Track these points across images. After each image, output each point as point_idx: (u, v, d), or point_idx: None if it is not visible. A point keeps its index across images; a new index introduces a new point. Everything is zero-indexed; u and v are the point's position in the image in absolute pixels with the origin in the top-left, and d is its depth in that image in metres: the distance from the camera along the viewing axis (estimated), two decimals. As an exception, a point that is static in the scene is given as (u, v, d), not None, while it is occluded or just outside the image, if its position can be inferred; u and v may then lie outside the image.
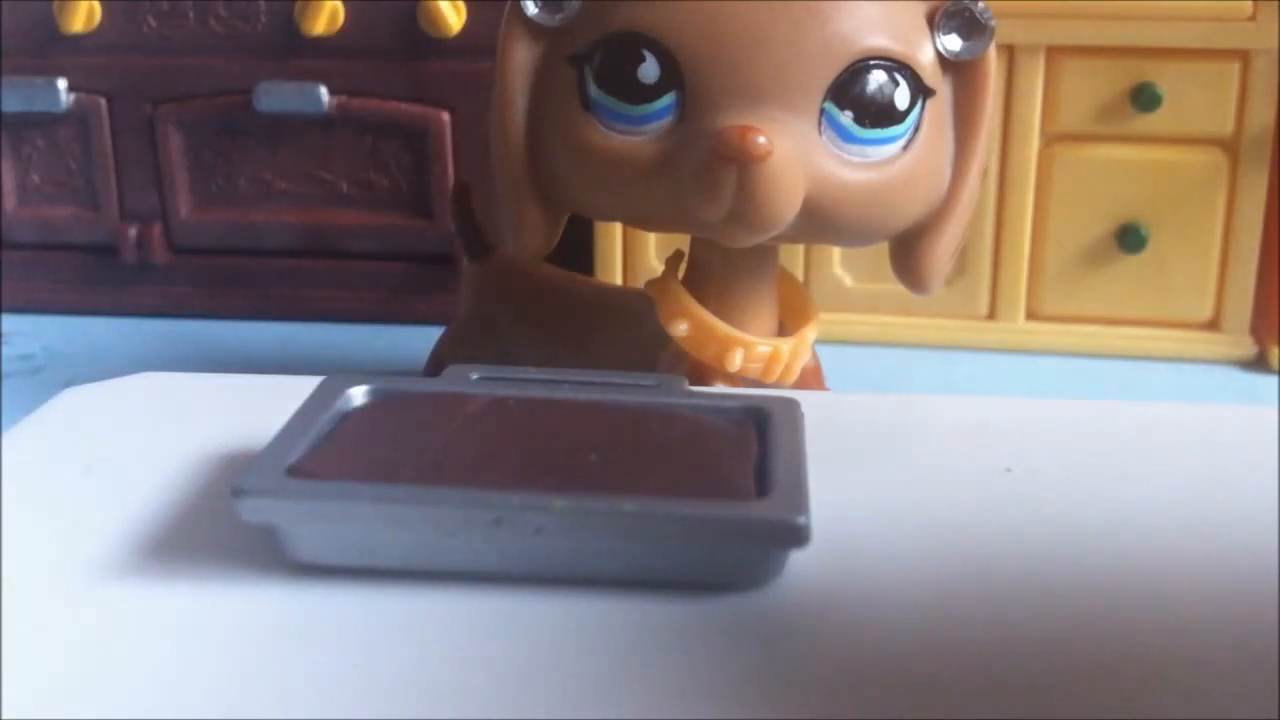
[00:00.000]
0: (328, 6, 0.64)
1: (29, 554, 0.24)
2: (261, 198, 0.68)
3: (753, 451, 0.25)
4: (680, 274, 0.40)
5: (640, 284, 0.43)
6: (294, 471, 0.24)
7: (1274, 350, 0.59)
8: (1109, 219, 0.59)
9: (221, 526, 0.25)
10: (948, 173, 0.37)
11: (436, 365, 0.50)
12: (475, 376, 0.29)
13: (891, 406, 0.32)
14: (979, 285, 0.61)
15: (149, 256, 0.68)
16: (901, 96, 0.35)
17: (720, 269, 0.39)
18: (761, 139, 0.33)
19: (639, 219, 0.39)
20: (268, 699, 0.20)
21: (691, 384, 0.30)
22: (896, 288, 0.40)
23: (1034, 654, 0.21)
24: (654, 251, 0.62)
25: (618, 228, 0.62)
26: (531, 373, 0.29)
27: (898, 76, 0.35)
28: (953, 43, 0.36)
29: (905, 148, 0.36)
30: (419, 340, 0.57)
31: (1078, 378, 0.59)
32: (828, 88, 0.34)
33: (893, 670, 0.21)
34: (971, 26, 0.36)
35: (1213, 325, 0.60)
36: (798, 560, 0.24)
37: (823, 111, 0.35)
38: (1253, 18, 0.55)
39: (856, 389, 0.53)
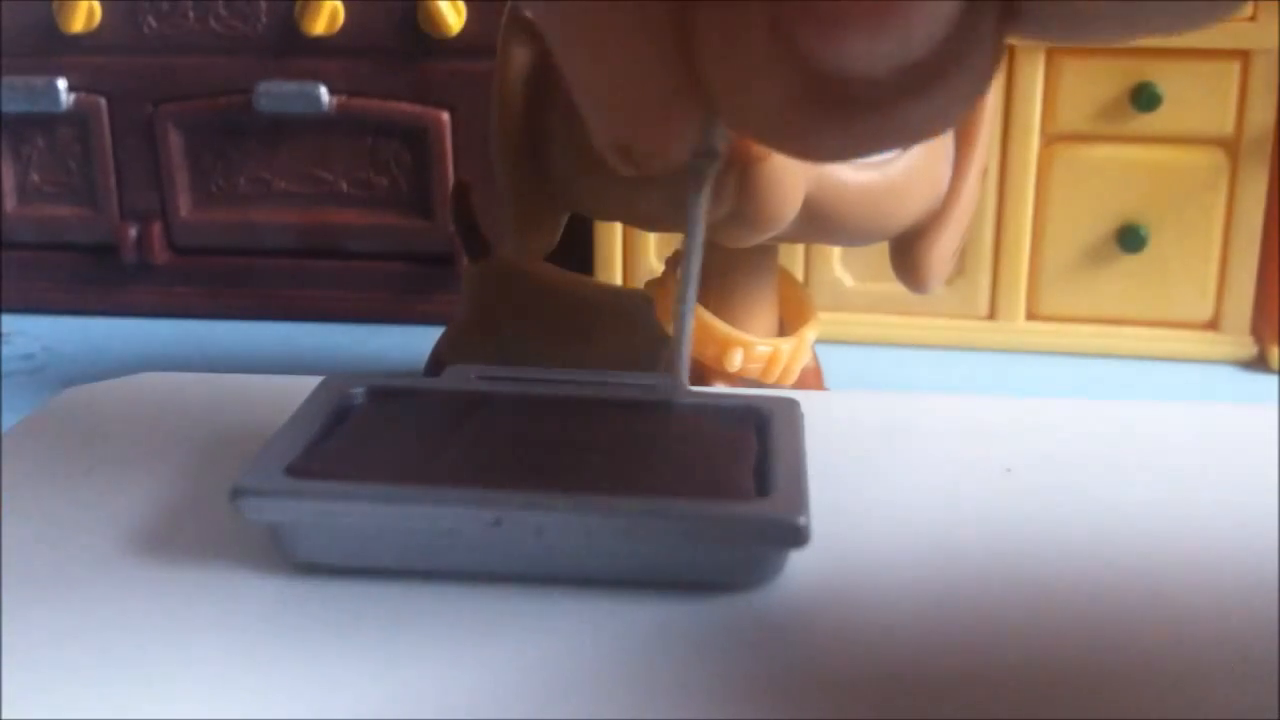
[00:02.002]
0: (328, 6, 0.64)
1: (29, 554, 0.24)
2: (261, 198, 0.68)
3: (753, 451, 0.25)
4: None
5: (640, 284, 0.43)
6: (293, 471, 0.24)
7: (1274, 350, 0.59)
8: (1109, 219, 0.59)
9: (221, 526, 0.25)
10: (948, 173, 0.37)
11: (436, 365, 0.50)
12: (475, 376, 0.29)
13: (891, 406, 0.32)
14: (979, 285, 0.61)
15: (149, 256, 0.68)
16: (901, 96, 0.35)
17: (720, 269, 0.39)
18: (761, 139, 0.33)
19: (639, 219, 0.39)
20: (267, 698, 0.20)
21: (691, 384, 0.30)
22: (896, 288, 0.40)
23: (1034, 654, 0.21)
24: (654, 251, 0.62)
25: (618, 228, 0.62)
26: (531, 373, 0.29)
27: (898, 76, 0.35)
28: (953, 43, 0.36)
29: (905, 148, 0.36)
30: (419, 340, 0.57)
31: (1078, 378, 0.59)
32: (828, 88, 0.34)
33: (892, 670, 0.21)
34: (971, 26, 0.36)
35: (1213, 325, 0.60)
36: (798, 560, 0.24)
37: (823, 111, 0.35)
38: (1253, 18, 0.55)
39: (856, 389, 0.53)
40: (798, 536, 0.22)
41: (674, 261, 0.40)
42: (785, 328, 0.41)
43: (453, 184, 0.60)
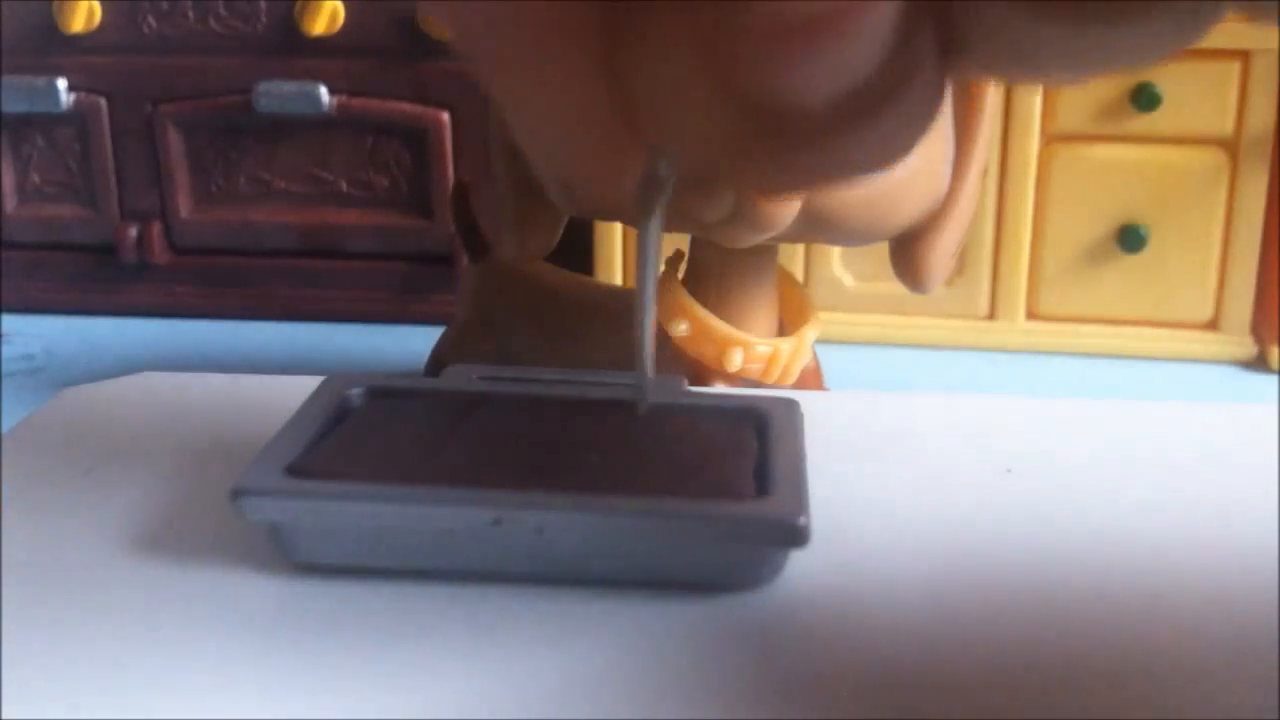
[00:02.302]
0: (328, 6, 0.64)
1: (29, 554, 0.24)
2: (261, 198, 0.68)
3: (753, 451, 0.25)
4: (680, 274, 0.40)
5: (640, 284, 0.43)
6: (294, 471, 0.24)
7: (1274, 350, 0.59)
8: (1109, 219, 0.59)
9: (221, 526, 0.25)
10: (948, 173, 0.37)
11: (436, 365, 0.50)
12: (475, 376, 0.29)
13: (891, 406, 0.32)
14: (979, 285, 0.61)
15: (149, 256, 0.68)
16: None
17: (720, 269, 0.39)
18: (761, 139, 0.33)
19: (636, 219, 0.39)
20: (267, 698, 0.20)
21: (691, 384, 0.30)
22: (896, 288, 0.40)
23: (1034, 653, 0.21)
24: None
25: (618, 228, 0.62)
26: (532, 373, 0.29)
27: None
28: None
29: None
30: (419, 340, 0.57)
31: (1078, 378, 0.59)
32: (827, 88, 0.34)
33: (892, 670, 0.21)
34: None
35: (1213, 325, 0.60)
36: (798, 560, 0.24)
37: (823, 111, 0.34)
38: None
39: (856, 389, 0.53)
40: (798, 536, 0.22)
41: (674, 261, 0.40)
42: (785, 328, 0.41)
43: (453, 184, 0.60)
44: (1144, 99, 0.57)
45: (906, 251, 0.38)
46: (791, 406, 0.27)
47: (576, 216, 0.40)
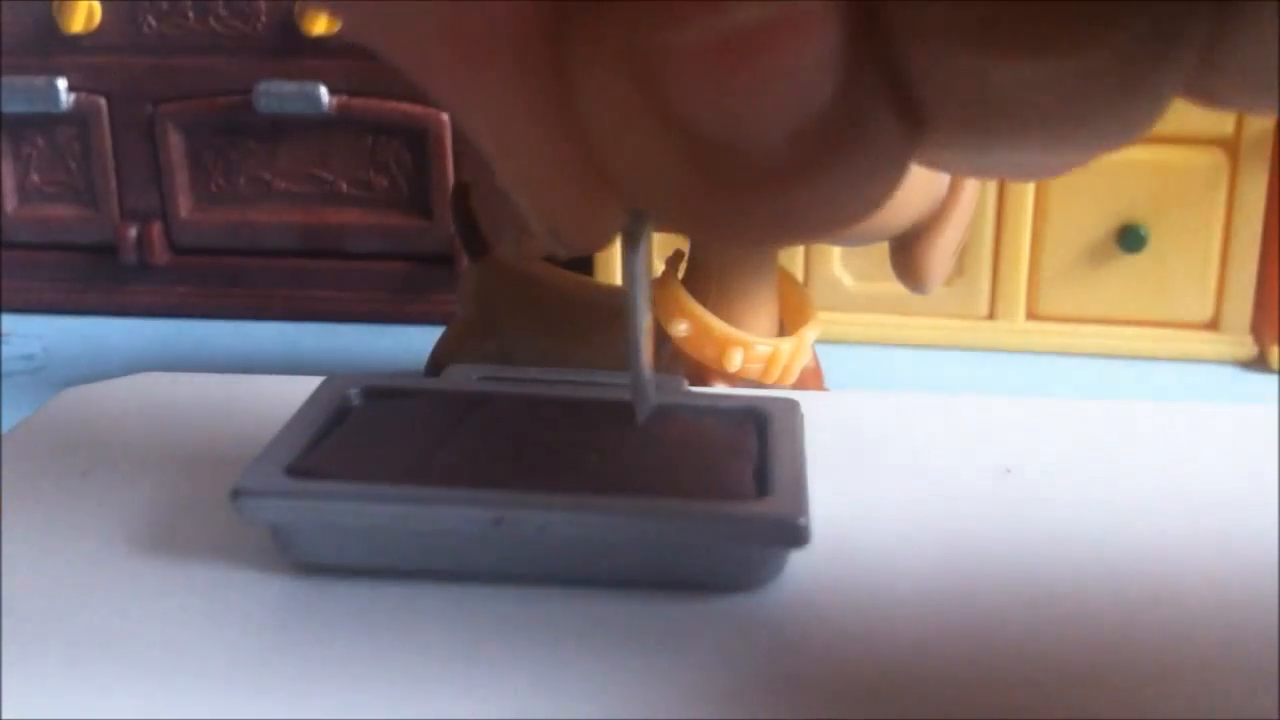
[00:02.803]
0: (328, 6, 0.64)
1: (29, 554, 0.24)
2: (261, 198, 0.68)
3: (753, 452, 0.25)
4: (680, 274, 0.40)
5: (640, 284, 0.43)
6: (294, 471, 0.24)
7: (1274, 350, 0.59)
8: (1109, 219, 0.59)
9: (221, 526, 0.25)
10: (948, 173, 0.37)
11: (436, 365, 0.50)
12: (475, 376, 0.29)
13: (891, 406, 0.32)
14: (979, 285, 0.61)
15: (149, 256, 0.68)
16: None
17: (720, 269, 0.39)
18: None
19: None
20: (267, 698, 0.20)
21: (691, 384, 0.30)
22: (896, 288, 0.40)
23: (1033, 654, 0.21)
24: (654, 251, 0.62)
25: (617, 228, 0.62)
26: (531, 373, 0.29)
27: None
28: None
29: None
30: (419, 340, 0.57)
31: (1078, 378, 0.59)
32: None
33: (892, 670, 0.21)
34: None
35: (1213, 325, 0.60)
36: (798, 560, 0.24)
37: (823, 111, 0.34)
38: (1253, 18, 0.55)
39: (856, 389, 0.53)
40: (798, 536, 0.22)
41: (674, 261, 0.40)
42: (785, 328, 0.41)
43: (453, 184, 0.60)
44: (1144, 99, 0.57)
45: (906, 251, 0.38)
46: (791, 406, 0.27)
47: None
